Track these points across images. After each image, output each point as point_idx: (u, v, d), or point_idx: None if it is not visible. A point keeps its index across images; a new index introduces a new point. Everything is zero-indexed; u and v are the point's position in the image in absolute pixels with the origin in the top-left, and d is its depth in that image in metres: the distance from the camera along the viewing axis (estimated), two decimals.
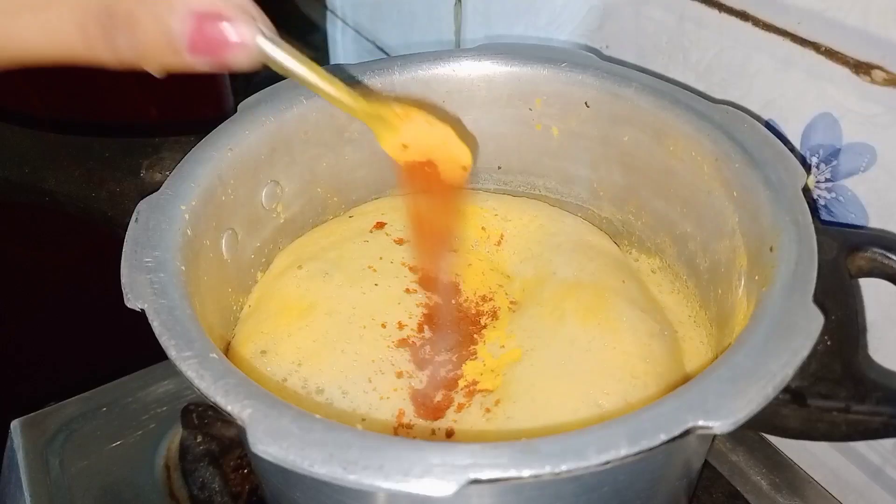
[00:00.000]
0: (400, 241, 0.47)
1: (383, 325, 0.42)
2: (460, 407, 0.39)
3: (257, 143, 0.43)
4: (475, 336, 0.43)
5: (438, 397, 0.39)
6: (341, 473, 0.25)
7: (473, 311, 0.45)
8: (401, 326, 0.42)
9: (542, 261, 0.46)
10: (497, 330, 0.43)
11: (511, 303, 0.45)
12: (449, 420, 0.38)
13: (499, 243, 0.49)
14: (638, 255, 0.48)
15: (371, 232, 0.48)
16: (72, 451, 0.50)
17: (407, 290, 0.44)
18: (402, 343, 0.41)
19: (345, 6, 0.88)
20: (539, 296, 0.44)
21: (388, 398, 0.38)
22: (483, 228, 0.49)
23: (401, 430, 0.37)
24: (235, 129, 0.42)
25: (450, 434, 0.37)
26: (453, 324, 0.43)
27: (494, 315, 0.44)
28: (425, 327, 0.43)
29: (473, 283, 0.46)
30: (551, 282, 0.44)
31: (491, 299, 0.45)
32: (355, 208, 0.50)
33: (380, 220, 0.48)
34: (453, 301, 0.45)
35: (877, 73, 0.37)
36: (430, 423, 0.38)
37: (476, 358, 0.42)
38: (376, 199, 0.51)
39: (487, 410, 0.37)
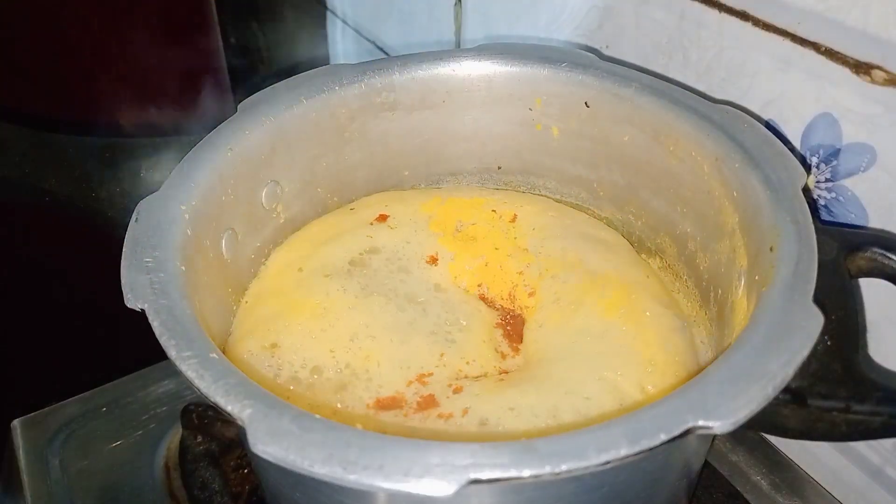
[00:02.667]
0: (433, 261, 0.46)
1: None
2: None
3: (257, 143, 0.43)
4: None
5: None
6: (341, 473, 0.25)
7: (511, 319, 0.45)
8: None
9: (568, 243, 0.46)
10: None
11: (529, 295, 0.45)
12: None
13: (513, 220, 0.49)
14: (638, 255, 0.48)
15: (371, 224, 0.47)
16: (72, 451, 0.50)
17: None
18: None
19: (345, 6, 0.88)
20: (561, 286, 0.43)
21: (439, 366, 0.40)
22: (494, 211, 0.49)
23: (417, 381, 0.39)
24: (235, 129, 0.42)
25: (457, 391, 0.38)
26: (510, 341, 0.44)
27: (523, 319, 0.44)
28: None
29: (496, 286, 0.46)
30: (578, 270, 0.44)
31: (515, 297, 0.45)
32: (357, 200, 0.50)
33: (382, 213, 0.48)
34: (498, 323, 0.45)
35: (877, 73, 0.37)
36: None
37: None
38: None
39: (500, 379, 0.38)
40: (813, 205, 0.42)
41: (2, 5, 0.63)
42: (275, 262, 0.45)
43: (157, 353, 0.30)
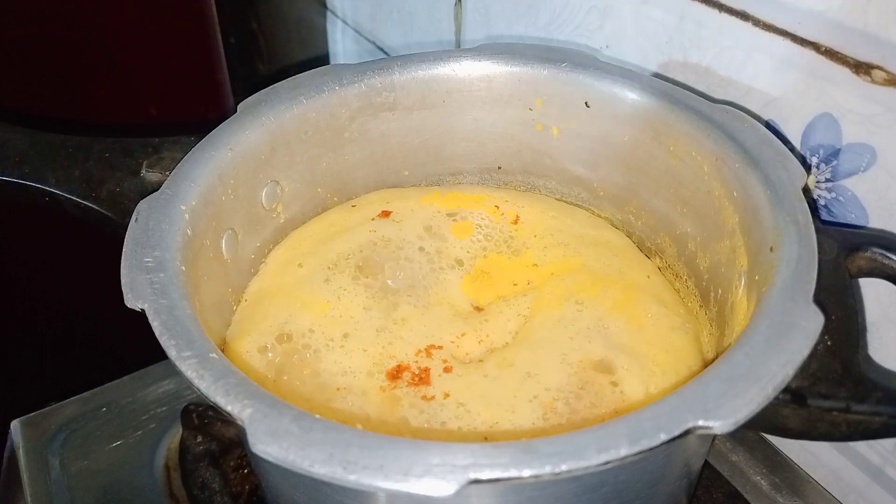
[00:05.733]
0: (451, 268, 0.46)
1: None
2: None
3: (257, 143, 0.43)
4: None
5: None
6: (341, 473, 0.25)
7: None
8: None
9: (570, 249, 0.46)
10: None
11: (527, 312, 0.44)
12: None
13: (515, 222, 0.49)
14: None
15: (373, 220, 0.47)
16: (72, 451, 0.50)
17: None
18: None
19: (345, 6, 0.88)
20: (558, 282, 0.44)
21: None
22: (497, 207, 0.49)
23: (424, 351, 0.41)
24: (235, 129, 0.42)
25: (447, 370, 0.40)
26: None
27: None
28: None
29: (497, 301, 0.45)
30: (580, 273, 0.44)
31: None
32: (357, 198, 0.50)
33: (385, 209, 0.48)
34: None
35: (877, 73, 0.37)
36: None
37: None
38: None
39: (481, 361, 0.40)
40: (813, 205, 0.42)
41: (2, 5, 0.63)
42: (275, 260, 0.45)
43: (157, 353, 0.30)
